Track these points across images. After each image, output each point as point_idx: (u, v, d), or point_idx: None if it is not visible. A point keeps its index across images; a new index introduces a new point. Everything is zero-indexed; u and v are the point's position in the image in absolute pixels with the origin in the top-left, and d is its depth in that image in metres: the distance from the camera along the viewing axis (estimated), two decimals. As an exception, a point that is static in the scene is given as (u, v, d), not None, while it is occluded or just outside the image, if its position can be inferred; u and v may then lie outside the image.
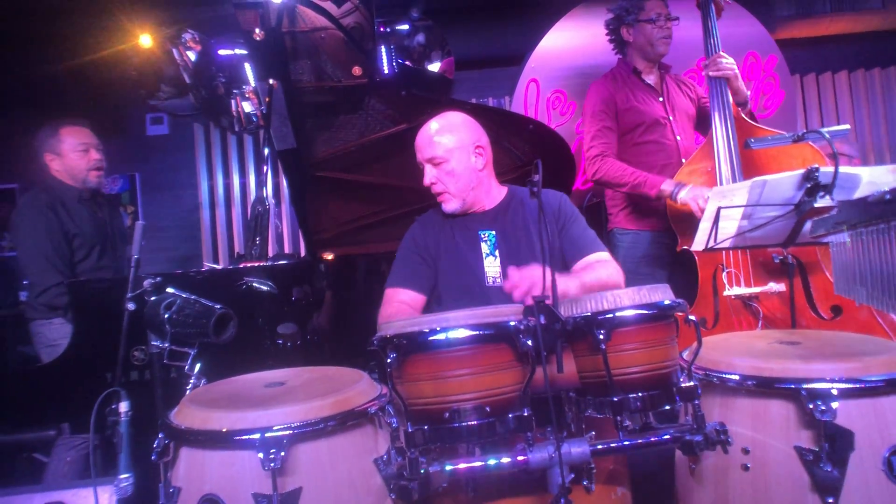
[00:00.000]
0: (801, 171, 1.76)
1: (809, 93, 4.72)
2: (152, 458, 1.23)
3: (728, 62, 2.51)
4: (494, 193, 1.99)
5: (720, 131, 2.46)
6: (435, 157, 1.89)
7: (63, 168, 2.68)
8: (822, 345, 1.48)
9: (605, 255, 1.89)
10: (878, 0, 4.07)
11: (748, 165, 2.42)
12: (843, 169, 1.73)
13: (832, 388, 1.26)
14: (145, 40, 3.87)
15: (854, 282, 1.48)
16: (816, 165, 1.74)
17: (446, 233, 1.96)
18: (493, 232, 1.91)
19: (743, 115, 2.52)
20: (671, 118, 2.71)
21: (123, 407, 1.47)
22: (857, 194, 1.77)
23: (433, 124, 1.92)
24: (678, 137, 2.69)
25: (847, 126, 2.01)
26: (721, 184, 2.40)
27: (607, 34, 2.84)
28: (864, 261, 1.42)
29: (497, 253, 1.88)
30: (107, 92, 4.29)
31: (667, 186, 2.47)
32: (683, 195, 2.41)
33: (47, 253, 2.46)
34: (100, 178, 2.75)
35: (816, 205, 1.75)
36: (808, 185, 1.76)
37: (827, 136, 1.85)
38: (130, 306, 1.57)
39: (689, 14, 2.81)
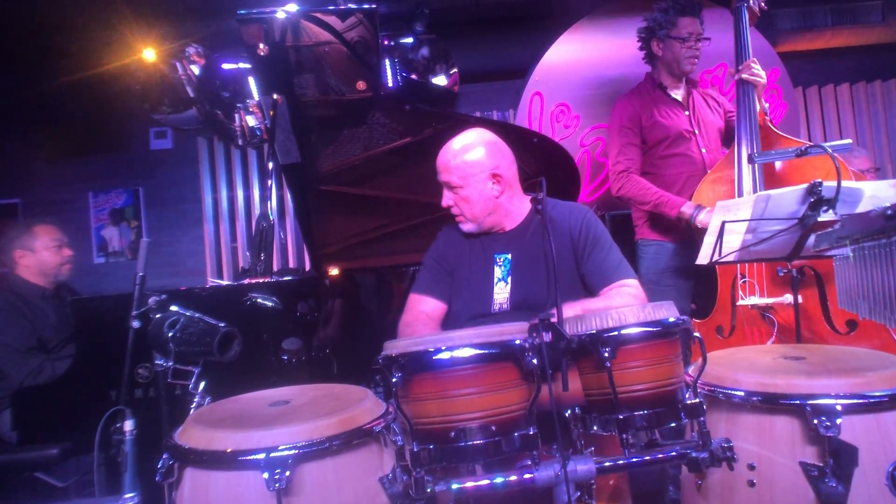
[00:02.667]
0: (805, 185, 1.76)
1: (812, 105, 4.74)
2: (157, 478, 1.23)
3: (760, 70, 2.50)
4: (516, 213, 1.94)
5: (744, 140, 2.45)
6: (451, 182, 1.87)
7: (34, 264, 2.73)
8: (826, 360, 1.47)
9: (630, 281, 1.82)
10: (879, 14, 4.09)
11: (770, 176, 2.41)
12: (845, 183, 1.74)
13: (836, 403, 1.26)
14: (149, 55, 3.90)
15: (857, 296, 1.48)
16: (820, 180, 1.75)
17: (465, 250, 1.96)
18: (509, 256, 1.88)
19: (769, 125, 2.51)
20: (697, 132, 2.72)
21: (128, 426, 1.47)
22: (860, 208, 1.78)
23: (453, 146, 1.88)
24: (703, 150, 2.70)
25: (849, 140, 2.02)
26: (742, 193, 2.40)
27: (639, 43, 2.84)
28: (866, 275, 1.43)
29: (509, 279, 1.86)
30: (110, 106, 4.32)
31: (686, 209, 2.49)
32: (703, 218, 2.42)
33: (14, 345, 2.49)
34: (68, 272, 2.84)
35: (820, 219, 1.76)
36: (812, 200, 1.76)
37: (829, 150, 1.86)
38: (135, 324, 1.57)
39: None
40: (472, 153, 1.86)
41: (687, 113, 2.75)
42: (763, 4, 2.62)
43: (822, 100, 4.75)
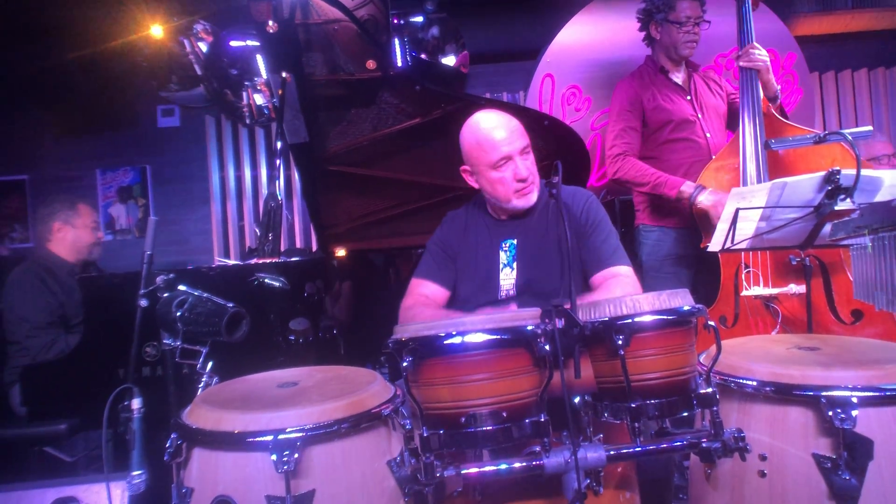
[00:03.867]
0: (822, 173, 1.73)
1: (828, 91, 4.64)
2: (165, 458, 1.22)
3: (761, 54, 2.44)
4: None
5: (748, 128, 2.40)
6: (527, 145, 1.81)
7: (71, 239, 2.79)
8: (841, 351, 1.45)
9: (624, 269, 1.79)
10: (901, -4, 4.00)
11: (775, 164, 2.37)
12: (864, 172, 1.70)
13: (852, 395, 1.24)
14: (156, 31, 3.86)
15: (874, 287, 1.45)
16: (838, 168, 1.71)
17: (470, 236, 1.93)
18: (515, 241, 1.86)
19: (773, 111, 2.46)
20: (700, 116, 2.67)
21: (136, 404, 1.47)
22: (879, 197, 1.75)
23: (502, 117, 1.82)
24: (708, 135, 2.65)
25: (870, 128, 1.97)
26: (746, 182, 2.36)
27: (638, 25, 2.79)
28: (884, 266, 1.40)
29: (514, 265, 1.84)
30: (117, 83, 4.29)
31: (686, 188, 2.44)
32: (702, 199, 2.38)
33: (37, 319, 2.53)
34: (98, 254, 2.93)
35: (837, 208, 1.72)
36: (829, 188, 1.73)
37: (849, 137, 1.82)
38: (143, 303, 1.56)
39: (712, 9, 2.75)
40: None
41: (689, 97, 2.70)
42: None
43: (839, 85, 4.65)
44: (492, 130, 1.79)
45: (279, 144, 2.61)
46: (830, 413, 1.22)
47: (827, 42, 4.46)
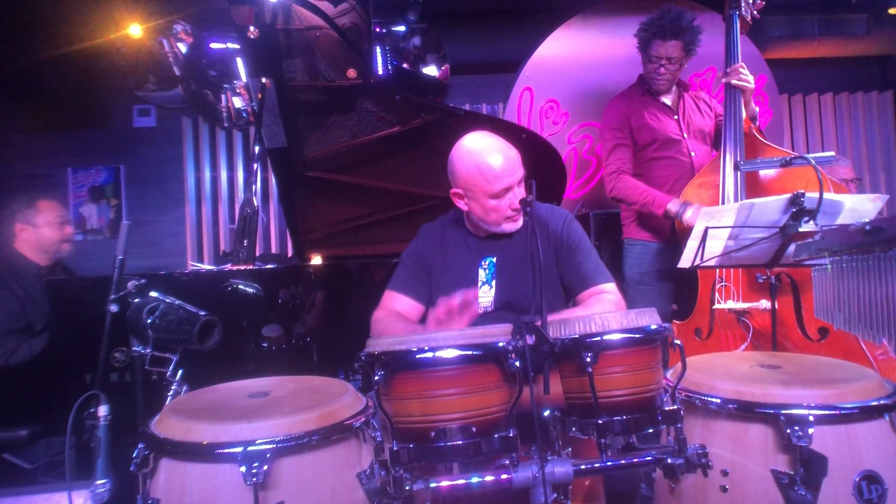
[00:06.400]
0: (788, 195, 1.79)
1: (796, 112, 4.80)
2: (131, 468, 1.21)
3: (748, 74, 2.52)
4: None
5: (729, 147, 2.48)
6: (524, 174, 1.79)
7: (34, 239, 2.69)
8: (801, 370, 1.50)
9: (609, 286, 1.82)
10: (864, 26, 4.17)
11: (753, 183, 2.44)
12: (826, 195, 1.77)
13: (809, 413, 1.28)
14: (135, 30, 3.82)
15: (833, 307, 1.51)
16: (802, 191, 1.77)
17: (447, 251, 1.93)
18: (494, 259, 1.87)
19: (755, 132, 2.54)
20: (685, 135, 2.74)
21: (103, 411, 1.45)
22: (840, 220, 1.81)
23: (501, 143, 1.80)
24: (692, 154, 2.73)
25: (832, 153, 2.05)
26: (724, 199, 2.43)
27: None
28: (842, 287, 1.45)
29: (493, 283, 1.84)
30: (93, 82, 4.22)
31: (672, 206, 2.51)
32: (689, 216, 2.44)
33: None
34: (68, 250, 2.80)
35: (801, 229, 1.79)
36: (794, 210, 1.79)
37: (813, 161, 1.88)
38: (113, 308, 1.54)
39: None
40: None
41: (676, 117, 2.76)
42: (756, 13, 2.64)
43: (806, 108, 4.81)
44: (494, 160, 1.75)
45: (257, 149, 2.60)
46: (788, 430, 1.26)
47: (797, 66, 4.61)
